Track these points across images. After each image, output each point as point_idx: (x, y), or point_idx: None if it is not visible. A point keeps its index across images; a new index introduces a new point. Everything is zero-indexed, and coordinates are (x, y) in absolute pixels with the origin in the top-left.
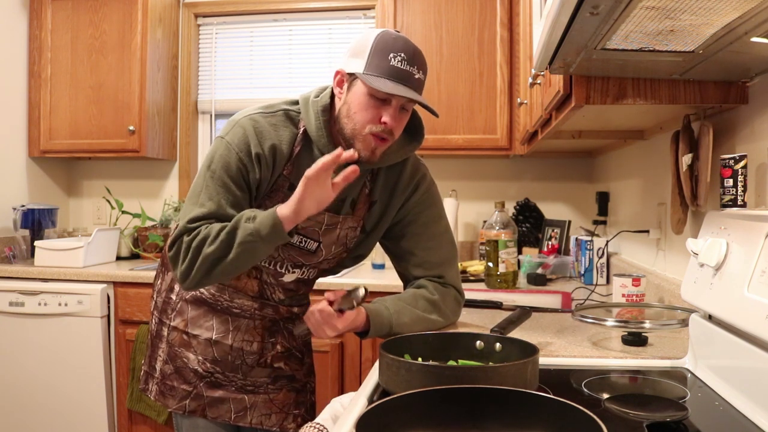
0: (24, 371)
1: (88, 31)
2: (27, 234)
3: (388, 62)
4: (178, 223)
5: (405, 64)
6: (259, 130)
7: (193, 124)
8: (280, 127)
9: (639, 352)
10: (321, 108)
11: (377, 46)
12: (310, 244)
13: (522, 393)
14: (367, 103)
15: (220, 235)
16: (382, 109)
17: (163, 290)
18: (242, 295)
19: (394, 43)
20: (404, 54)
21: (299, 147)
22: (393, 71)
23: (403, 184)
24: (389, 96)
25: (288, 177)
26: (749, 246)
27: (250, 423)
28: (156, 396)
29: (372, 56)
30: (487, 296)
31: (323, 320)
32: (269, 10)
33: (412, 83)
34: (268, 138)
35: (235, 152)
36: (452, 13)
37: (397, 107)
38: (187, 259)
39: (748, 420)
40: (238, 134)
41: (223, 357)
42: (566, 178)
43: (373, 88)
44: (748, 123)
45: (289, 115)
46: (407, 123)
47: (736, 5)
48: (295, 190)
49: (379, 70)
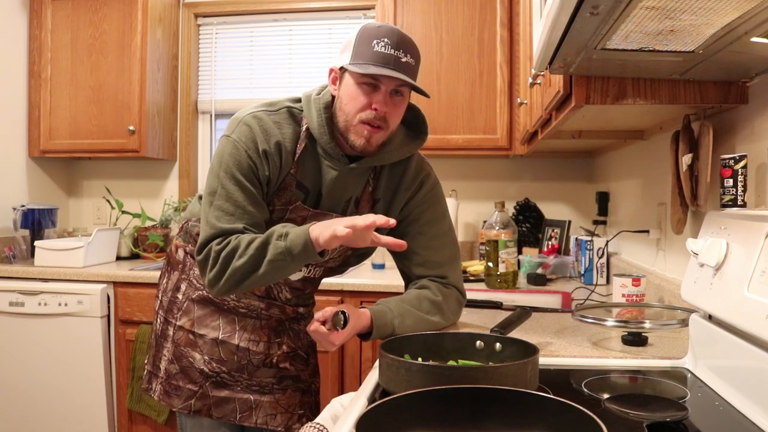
0: (24, 371)
1: (88, 31)
2: (27, 234)
3: (372, 48)
4: (187, 222)
5: (389, 48)
6: (264, 128)
7: (193, 124)
8: (284, 124)
9: (639, 352)
10: (323, 105)
11: (361, 36)
12: None
13: (522, 393)
14: (356, 92)
15: (249, 249)
16: (372, 96)
17: (169, 289)
18: (249, 295)
19: (377, 30)
20: (388, 38)
21: (303, 145)
22: (377, 56)
23: (406, 182)
24: (376, 81)
25: (294, 175)
26: (749, 246)
27: (255, 423)
28: (160, 396)
29: (356, 47)
30: (487, 296)
31: (320, 339)
32: (269, 10)
33: (400, 66)
34: (273, 135)
35: (244, 150)
36: (452, 13)
37: (387, 92)
38: (216, 268)
39: (748, 420)
40: (245, 132)
41: (229, 357)
42: (566, 178)
43: (359, 75)
44: (748, 123)
45: (291, 112)
46: (409, 119)
47: (736, 5)
48: (302, 187)
49: (364, 58)
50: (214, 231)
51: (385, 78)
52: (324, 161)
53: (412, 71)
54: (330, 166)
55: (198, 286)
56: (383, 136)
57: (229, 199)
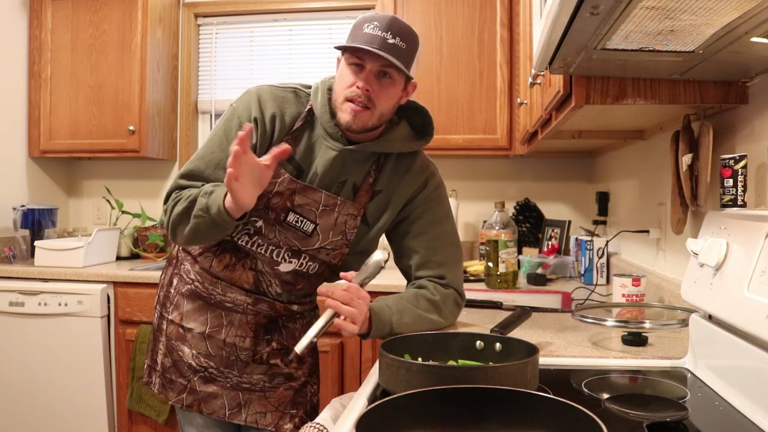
0: (24, 371)
1: (88, 31)
2: (27, 234)
3: (362, 31)
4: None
5: (377, 30)
6: (264, 99)
7: (193, 124)
8: (287, 100)
9: (639, 352)
10: (327, 87)
11: (356, 24)
12: (307, 225)
13: (522, 393)
14: (345, 72)
15: (184, 201)
16: (358, 76)
17: (165, 284)
18: (236, 289)
19: (371, 16)
20: (377, 22)
21: (302, 122)
22: (364, 37)
23: (410, 178)
24: (361, 61)
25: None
26: (749, 246)
27: (245, 421)
28: (159, 389)
29: (351, 33)
30: (487, 296)
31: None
32: (269, 10)
33: (385, 47)
34: (270, 107)
35: (237, 116)
36: (452, 13)
37: (371, 71)
38: (167, 216)
39: (748, 420)
40: (244, 101)
41: (216, 352)
42: (566, 178)
43: (347, 56)
44: (748, 123)
45: (297, 93)
46: (416, 120)
47: (736, 5)
48: (295, 162)
49: (353, 40)
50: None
51: (368, 57)
52: (324, 141)
53: (400, 53)
54: (329, 147)
55: (187, 280)
56: (370, 117)
57: (203, 158)
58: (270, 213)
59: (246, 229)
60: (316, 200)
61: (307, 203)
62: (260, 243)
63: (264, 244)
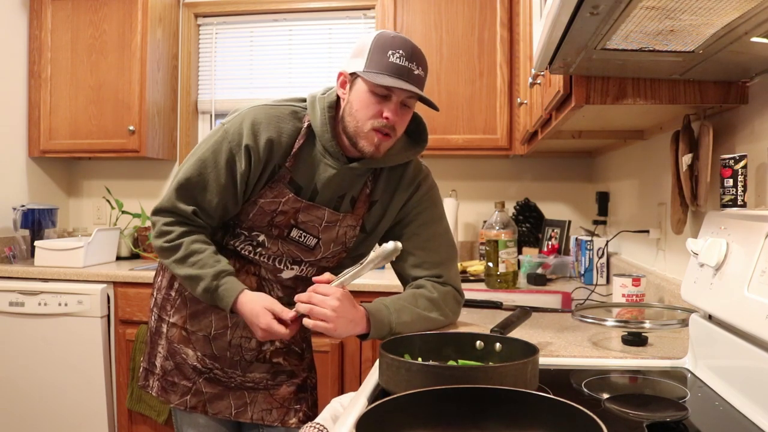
0: (24, 371)
1: (88, 31)
2: (27, 234)
3: (387, 59)
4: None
5: (403, 60)
6: (258, 123)
7: (193, 124)
8: (283, 120)
9: (639, 352)
10: (327, 104)
11: (376, 45)
12: (309, 239)
13: (522, 393)
14: (368, 99)
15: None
16: (383, 105)
17: (163, 287)
18: None
19: (392, 41)
20: (402, 50)
21: (302, 141)
22: (392, 67)
23: (404, 185)
24: (389, 91)
25: (290, 169)
26: (749, 246)
27: (251, 419)
28: (158, 392)
29: (371, 54)
30: (487, 296)
31: (314, 291)
32: (269, 10)
33: (412, 79)
34: (265, 132)
35: (227, 142)
36: (452, 13)
37: (398, 103)
38: (157, 244)
39: (748, 420)
40: (236, 124)
41: (222, 353)
42: (566, 178)
43: (373, 84)
44: (748, 123)
45: (294, 110)
46: (410, 126)
47: (736, 5)
48: (295, 183)
49: (379, 67)
50: (167, 205)
51: (397, 89)
52: (323, 159)
53: (421, 83)
54: (329, 164)
55: None
56: (390, 144)
57: (194, 181)
58: (273, 230)
59: (249, 241)
60: (319, 217)
61: (311, 220)
62: (263, 253)
63: (266, 254)
